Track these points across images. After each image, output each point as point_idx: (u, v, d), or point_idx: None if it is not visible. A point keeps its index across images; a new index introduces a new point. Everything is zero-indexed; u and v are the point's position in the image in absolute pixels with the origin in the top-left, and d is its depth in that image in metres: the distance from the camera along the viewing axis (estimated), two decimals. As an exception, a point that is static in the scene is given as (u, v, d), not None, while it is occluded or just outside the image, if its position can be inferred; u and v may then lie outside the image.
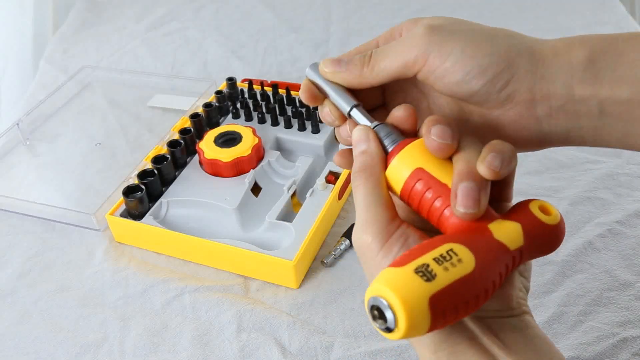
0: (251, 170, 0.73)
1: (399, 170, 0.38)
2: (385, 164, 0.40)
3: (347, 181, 0.73)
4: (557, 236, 0.37)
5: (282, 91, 0.85)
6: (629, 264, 0.64)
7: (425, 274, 0.32)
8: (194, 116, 0.80)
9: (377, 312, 0.32)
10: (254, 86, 0.86)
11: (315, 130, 0.79)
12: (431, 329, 0.32)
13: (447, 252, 0.33)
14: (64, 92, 0.96)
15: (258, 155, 0.75)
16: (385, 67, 0.40)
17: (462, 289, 0.32)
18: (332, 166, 0.73)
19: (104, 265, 0.69)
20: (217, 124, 0.82)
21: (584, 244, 0.66)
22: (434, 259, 0.32)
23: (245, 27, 1.13)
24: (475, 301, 0.33)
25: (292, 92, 0.83)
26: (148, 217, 0.69)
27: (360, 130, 0.41)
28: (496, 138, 0.40)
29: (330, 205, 0.69)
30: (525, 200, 0.38)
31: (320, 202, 0.69)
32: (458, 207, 0.35)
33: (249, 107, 0.82)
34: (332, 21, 1.13)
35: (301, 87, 0.43)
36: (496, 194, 0.39)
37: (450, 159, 0.38)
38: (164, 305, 0.64)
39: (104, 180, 0.80)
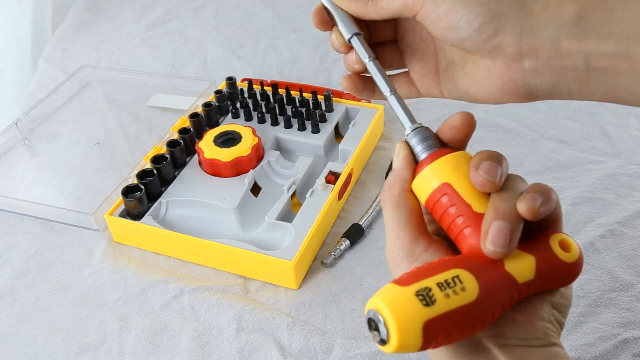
0: (251, 170, 0.73)
1: (428, 181, 0.38)
2: (414, 173, 0.40)
3: (347, 181, 0.73)
4: (572, 273, 0.37)
5: (282, 91, 0.84)
6: (630, 265, 0.64)
7: (426, 298, 0.32)
8: (194, 116, 0.80)
9: (373, 324, 0.33)
10: (254, 86, 0.86)
11: (315, 130, 0.79)
12: (422, 349, 0.32)
13: (453, 278, 0.33)
14: (63, 92, 0.95)
15: (258, 155, 0.74)
16: (386, 5, 0.42)
17: (460, 318, 0.32)
18: (332, 166, 0.73)
19: (103, 266, 0.69)
20: (217, 124, 0.82)
21: (585, 244, 0.66)
22: (438, 284, 0.33)
23: (245, 26, 1.13)
24: (471, 329, 0.33)
25: (292, 92, 0.83)
26: (147, 217, 0.69)
27: (397, 146, 0.42)
28: (485, 88, 0.42)
29: (330, 206, 0.68)
30: (548, 232, 0.38)
31: (320, 202, 0.68)
32: (488, 244, 0.35)
33: (249, 107, 0.82)
34: (332, 21, 1.13)
35: (313, 11, 0.45)
36: (545, 229, 0.39)
37: None
38: (163, 305, 0.64)
39: (103, 180, 0.80)
